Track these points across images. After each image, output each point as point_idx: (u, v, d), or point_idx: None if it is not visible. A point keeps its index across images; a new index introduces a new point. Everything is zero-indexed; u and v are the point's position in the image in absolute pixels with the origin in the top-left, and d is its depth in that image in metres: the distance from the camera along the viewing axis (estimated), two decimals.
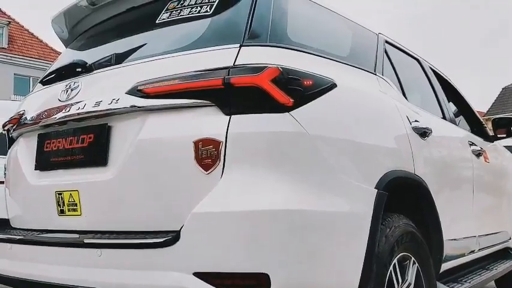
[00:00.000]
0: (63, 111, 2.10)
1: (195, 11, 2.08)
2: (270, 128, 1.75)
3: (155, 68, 1.95)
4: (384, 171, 2.12)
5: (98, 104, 1.98)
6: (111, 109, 1.94)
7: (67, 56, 2.63)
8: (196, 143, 1.76)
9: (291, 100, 1.78)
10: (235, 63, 1.81)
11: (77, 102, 2.07)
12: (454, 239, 2.89)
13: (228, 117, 1.76)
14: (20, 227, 2.38)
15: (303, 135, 1.78)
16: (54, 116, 2.14)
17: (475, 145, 3.49)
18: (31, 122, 2.28)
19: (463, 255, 3.12)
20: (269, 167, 1.73)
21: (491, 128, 4.08)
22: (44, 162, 2.23)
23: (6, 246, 2.21)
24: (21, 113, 2.43)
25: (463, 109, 4.12)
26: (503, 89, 40.43)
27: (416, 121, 2.57)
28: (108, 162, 1.97)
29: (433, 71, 3.60)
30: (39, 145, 2.27)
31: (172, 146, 1.82)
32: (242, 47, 1.86)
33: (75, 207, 2.05)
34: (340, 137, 1.94)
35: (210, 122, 1.78)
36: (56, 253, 2.02)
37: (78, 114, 2.04)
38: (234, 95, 1.77)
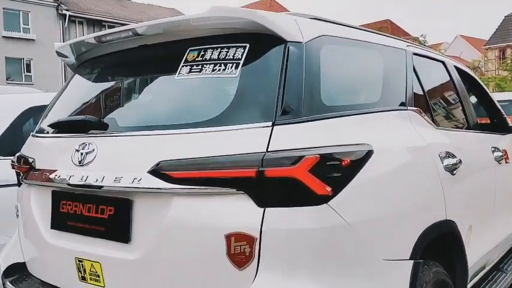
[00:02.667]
0: (79, 178, 1.95)
1: (219, 70, 1.87)
2: (307, 223, 1.63)
3: (178, 143, 1.79)
4: (419, 233, 2.02)
5: (118, 180, 1.84)
6: (133, 188, 1.81)
7: (76, 92, 2.42)
8: (228, 237, 1.65)
9: (330, 189, 1.65)
10: (269, 149, 1.65)
11: (94, 172, 1.93)
12: (477, 261, 2.86)
13: (262, 209, 1.63)
14: (39, 277, 2.31)
15: (343, 227, 1.67)
16: (69, 181, 2.00)
17: (497, 150, 3.38)
18: (44, 178, 2.14)
19: (483, 268, 3.11)
20: (308, 269, 1.63)
21: None
22: (61, 223, 2.12)
23: None
24: (31, 161, 2.28)
25: (483, 99, 3.98)
26: (505, 17, 39.45)
27: (447, 156, 2.44)
28: (132, 239, 1.87)
29: (456, 69, 3.41)
30: (54, 204, 2.15)
31: (201, 235, 1.70)
32: (275, 126, 1.69)
33: (97, 278, 1.97)
34: (379, 215, 1.82)
35: (242, 213, 1.65)
36: None
37: (97, 187, 1.90)
38: (269, 186, 1.63)
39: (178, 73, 1.95)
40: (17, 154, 2.48)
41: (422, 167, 2.18)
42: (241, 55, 1.86)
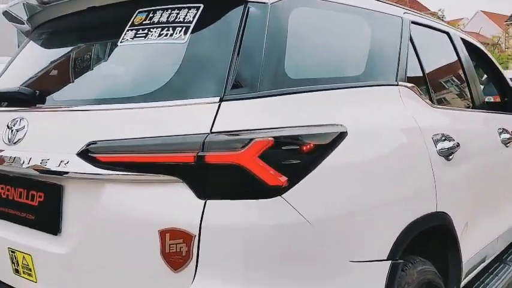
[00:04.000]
0: (7, 160, 1.70)
1: (166, 35, 1.57)
2: (255, 220, 1.35)
3: (111, 121, 1.52)
4: (400, 229, 1.74)
5: (44, 162, 1.57)
6: (59, 171, 1.54)
7: (23, 60, 2.14)
8: (162, 234, 1.38)
9: (285, 179, 1.36)
10: (213, 129, 1.36)
11: (23, 152, 1.66)
12: (474, 254, 2.57)
13: (203, 202, 1.36)
14: None
15: (300, 225, 1.39)
16: None
17: (505, 131, 3.05)
18: None
19: (483, 261, 2.82)
20: (255, 274, 1.36)
21: None
22: None
23: None
24: None
25: (494, 76, 3.63)
26: None
27: (442, 139, 2.13)
28: (62, 230, 1.61)
29: (463, 41, 3.06)
30: None
31: (134, 230, 1.44)
32: (223, 102, 1.40)
33: (30, 272, 1.73)
34: (347, 210, 1.53)
35: (180, 206, 1.38)
36: None
37: (24, 169, 1.64)
38: (210, 175, 1.36)
39: (122, 39, 1.65)
40: None
41: (408, 152, 1.87)
42: (193, 17, 1.56)
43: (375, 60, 1.98)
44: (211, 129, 1.36)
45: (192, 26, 1.55)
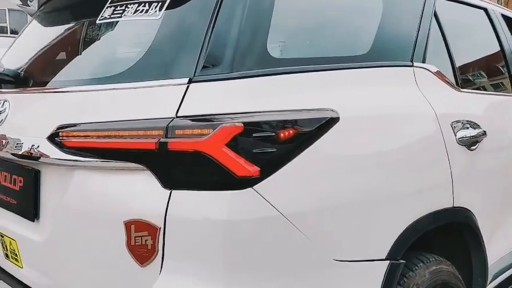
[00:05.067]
0: None
1: (141, 11, 1.46)
2: (224, 213, 1.23)
3: (80, 103, 1.44)
4: (404, 226, 1.56)
5: (19, 146, 1.52)
6: (30, 156, 1.48)
7: (21, 40, 2.11)
8: (127, 225, 1.29)
9: (257, 169, 1.23)
10: (179, 114, 1.25)
11: (3, 135, 1.62)
12: (503, 256, 2.33)
13: (168, 192, 1.25)
14: None
15: (273, 219, 1.25)
16: None
17: None
18: None
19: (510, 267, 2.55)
20: (222, 272, 1.24)
21: None
22: None
23: None
24: None
25: None
26: None
27: (465, 127, 1.91)
28: (40, 217, 1.56)
29: (504, 18, 2.75)
30: None
31: (101, 221, 1.36)
32: (192, 84, 1.28)
33: (16, 258, 1.71)
34: (335, 202, 1.38)
35: (145, 196, 1.28)
36: None
37: (2, 154, 1.60)
38: (175, 163, 1.24)
39: (101, 16, 1.56)
40: None
41: (414, 141, 1.67)
42: None
43: (385, 38, 1.77)
44: (176, 113, 1.25)
45: (167, 1, 1.43)
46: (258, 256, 1.27)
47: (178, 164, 1.24)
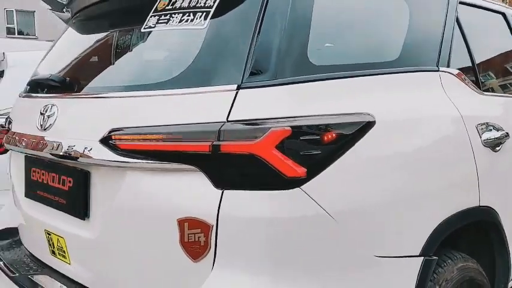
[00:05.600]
0: (40, 145, 1.75)
1: (186, 21, 1.54)
2: (273, 212, 1.31)
3: (132, 108, 1.52)
4: (435, 224, 1.64)
5: (71, 148, 1.61)
6: (84, 158, 1.57)
7: (60, 48, 2.20)
8: (181, 223, 1.38)
9: (304, 170, 1.31)
10: (229, 118, 1.33)
11: (53, 137, 1.71)
12: None
13: (220, 192, 1.34)
14: (25, 245, 2.19)
15: (321, 218, 1.34)
16: (32, 147, 1.81)
17: None
18: (15, 143, 1.96)
19: None
20: (271, 267, 1.33)
21: None
22: (32, 192, 1.94)
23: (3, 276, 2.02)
24: (9, 123, 2.11)
25: None
26: None
27: (489, 129, 1.99)
28: (90, 216, 1.65)
29: None
30: (27, 170, 1.98)
31: (154, 219, 1.45)
32: (241, 90, 1.36)
33: (64, 254, 1.79)
34: (375, 202, 1.46)
35: (197, 196, 1.36)
36: None
37: (53, 155, 1.69)
38: (227, 165, 1.33)
39: (145, 25, 1.65)
40: (7, 116, 2.33)
41: (446, 143, 1.76)
42: (213, 2, 1.52)
43: (413, 44, 1.86)
44: (227, 118, 1.33)
45: (212, 10, 1.51)
46: (305, 252, 1.35)
47: (230, 165, 1.32)
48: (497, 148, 2.01)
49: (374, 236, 1.46)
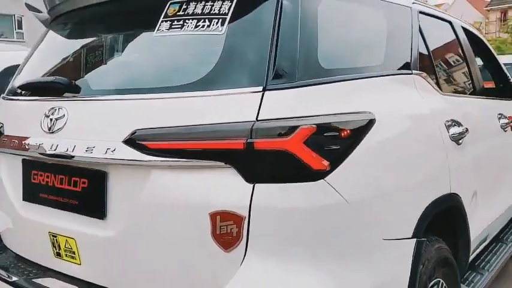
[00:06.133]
0: (49, 147, 1.76)
1: (203, 26, 1.64)
2: (302, 202, 1.45)
3: (156, 109, 1.59)
4: (422, 209, 1.86)
5: (90, 150, 1.64)
6: (106, 158, 1.62)
7: (49, 50, 2.19)
8: (213, 216, 1.48)
9: (327, 163, 1.47)
10: (259, 117, 1.46)
11: (64, 140, 1.73)
12: (479, 233, 2.73)
13: (251, 186, 1.45)
14: (14, 251, 2.16)
15: (341, 205, 1.49)
16: (38, 149, 1.81)
17: (503, 116, 3.20)
18: (13, 146, 1.95)
19: (484, 240, 2.98)
20: (301, 252, 1.46)
21: None
22: (33, 195, 1.94)
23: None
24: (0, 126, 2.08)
25: (490, 63, 3.76)
26: None
27: (453, 125, 2.25)
28: (107, 215, 1.69)
29: (464, 30, 3.18)
30: (25, 174, 1.96)
31: (183, 213, 1.53)
32: (266, 92, 1.49)
33: (73, 255, 1.81)
34: (379, 191, 1.65)
35: (229, 189, 1.47)
36: None
37: (68, 157, 1.71)
38: (259, 160, 1.45)
39: (157, 29, 1.72)
40: None
41: (427, 138, 2.00)
42: (228, 9, 1.63)
43: (393, 50, 2.09)
44: (257, 117, 1.45)
45: (228, 18, 1.62)
46: (329, 237, 1.50)
47: (262, 160, 1.44)
48: (460, 141, 2.28)
49: (381, 221, 1.65)
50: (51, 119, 1.80)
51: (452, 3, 47.76)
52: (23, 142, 1.88)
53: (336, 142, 1.50)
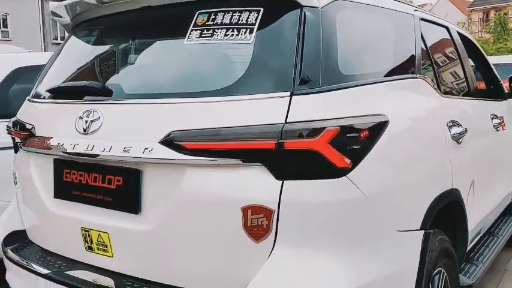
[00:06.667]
0: (85, 147, 1.88)
1: (232, 35, 1.78)
2: (326, 197, 1.60)
3: (191, 112, 1.73)
4: (429, 203, 2.02)
5: (127, 150, 1.77)
6: (143, 158, 1.74)
7: (74, 55, 2.30)
8: (244, 210, 1.62)
9: (349, 162, 1.61)
10: (288, 120, 1.60)
11: (100, 140, 1.85)
12: (475, 226, 2.90)
13: (280, 182, 1.59)
14: (41, 246, 2.26)
15: (361, 200, 1.64)
16: (73, 149, 1.93)
17: (496, 117, 3.39)
18: (45, 146, 2.06)
19: (479, 233, 3.16)
20: (325, 242, 1.61)
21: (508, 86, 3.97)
22: (65, 192, 2.05)
23: (31, 277, 2.10)
24: (29, 127, 2.18)
25: (481, 65, 3.95)
26: None
27: (454, 125, 2.42)
28: (142, 210, 1.82)
29: (459, 34, 3.36)
30: (57, 172, 2.08)
31: (216, 208, 1.67)
32: (293, 96, 1.63)
33: (105, 248, 1.94)
34: (393, 186, 1.80)
35: (260, 185, 1.61)
36: None
37: (105, 156, 1.83)
38: (288, 159, 1.59)
39: (188, 38, 1.85)
40: (13, 119, 2.38)
41: (432, 137, 2.17)
42: (255, 20, 1.77)
43: (400, 55, 2.26)
44: (286, 120, 1.59)
45: (255, 27, 1.76)
46: (348, 228, 1.65)
47: (291, 159, 1.58)
48: (460, 141, 2.45)
49: (395, 214, 1.80)
50: (86, 121, 1.91)
51: (435, 3, 48.42)
52: (57, 142, 1.99)
53: (356, 142, 1.65)
